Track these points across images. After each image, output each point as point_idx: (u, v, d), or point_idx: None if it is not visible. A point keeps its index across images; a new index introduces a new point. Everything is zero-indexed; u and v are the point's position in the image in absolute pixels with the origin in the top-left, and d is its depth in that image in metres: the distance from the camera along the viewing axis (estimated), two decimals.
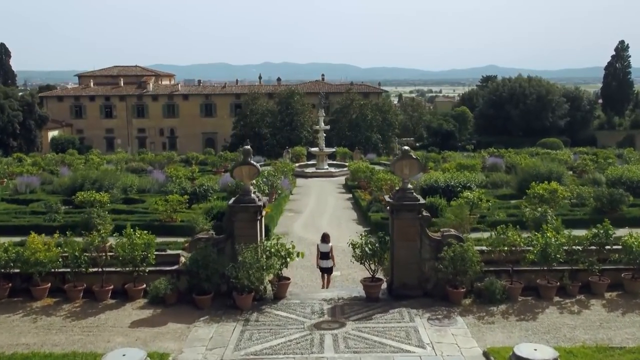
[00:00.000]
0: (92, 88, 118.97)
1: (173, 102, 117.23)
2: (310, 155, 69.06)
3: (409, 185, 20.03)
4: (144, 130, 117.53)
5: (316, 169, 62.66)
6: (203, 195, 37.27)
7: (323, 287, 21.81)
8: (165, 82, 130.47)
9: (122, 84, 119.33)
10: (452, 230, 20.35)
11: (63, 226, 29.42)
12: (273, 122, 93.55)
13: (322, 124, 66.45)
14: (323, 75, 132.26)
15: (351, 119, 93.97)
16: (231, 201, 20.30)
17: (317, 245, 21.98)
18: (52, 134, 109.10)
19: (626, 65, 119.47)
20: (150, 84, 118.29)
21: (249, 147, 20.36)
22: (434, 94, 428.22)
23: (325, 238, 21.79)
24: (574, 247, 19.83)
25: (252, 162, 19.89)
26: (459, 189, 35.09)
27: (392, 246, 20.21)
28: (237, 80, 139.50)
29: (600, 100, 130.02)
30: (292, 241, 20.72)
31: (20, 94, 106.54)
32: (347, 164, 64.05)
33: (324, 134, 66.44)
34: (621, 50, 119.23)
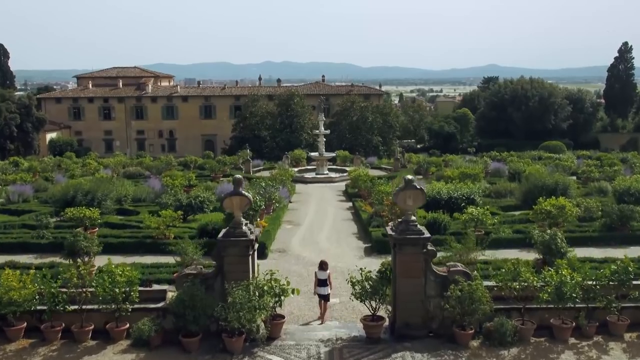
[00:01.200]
0: (90, 89, 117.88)
1: (172, 104, 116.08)
2: (310, 159, 67.98)
3: (413, 217, 18.42)
4: (143, 132, 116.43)
5: (316, 174, 61.65)
6: (199, 207, 36.18)
7: (320, 317, 20.90)
8: (165, 83, 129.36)
9: (120, 86, 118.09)
10: (459, 265, 18.72)
11: (51, 244, 28.42)
12: (273, 124, 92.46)
13: (322, 128, 65.45)
14: (323, 76, 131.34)
15: (352, 122, 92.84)
16: (221, 234, 18.80)
17: (315, 272, 21.29)
18: (51, 135, 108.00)
19: (629, 67, 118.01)
20: (149, 86, 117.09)
21: (239, 176, 18.92)
22: (434, 94, 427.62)
23: (323, 265, 21.06)
24: (589, 282, 18.28)
25: (243, 192, 18.46)
26: (463, 204, 33.97)
27: (394, 282, 18.71)
28: (237, 82, 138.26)
29: (600, 100, 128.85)
30: (286, 277, 19.30)
31: (19, 93, 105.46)
32: (347, 169, 63.08)
33: (324, 139, 65.37)
34: (625, 51, 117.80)
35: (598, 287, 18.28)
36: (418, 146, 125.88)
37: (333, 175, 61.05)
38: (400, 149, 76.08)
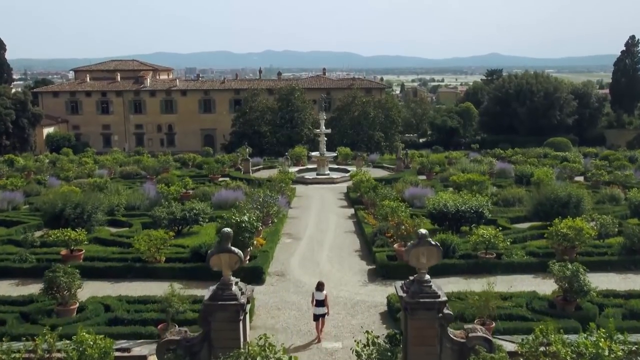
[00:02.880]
0: (88, 83, 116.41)
1: (171, 98, 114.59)
2: (311, 157, 66.49)
3: (427, 276, 16.21)
4: (142, 127, 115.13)
5: (317, 174, 60.36)
6: (194, 220, 34.64)
7: (317, 337, 20.69)
8: (164, 76, 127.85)
9: (119, 79, 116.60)
10: (479, 329, 16.37)
11: (34, 269, 26.70)
12: (273, 119, 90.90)
13: (323, 127, 63.90)
14: (324, 69, 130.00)
15: (353, 117, 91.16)
16: (207, 296, 16.50)
17: (313, 293, 21.22)
18: (48, 130, 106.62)
19: (636, 61, 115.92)
20: (148, 79, 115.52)
21: (228, 230, 16.61)
22: (436, 83, 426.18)
23: (320, 286, 21.08)
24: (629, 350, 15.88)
25: (232, 248, 16.23)
26: (472, 222, 32.43)
27: (405, 350, 16.49)
28: (236, 74, 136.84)
29: (604, 91, 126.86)
30: (282, 344, 17.06)
31: (19, 82, 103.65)
32: (349, 168, 61.77)
33: (325, 138, 63.72)
34: (631, 45, 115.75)
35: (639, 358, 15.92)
36: (420, 140, 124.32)
37: (334, 175, 59.63)
38: (403, 146, 74.58)
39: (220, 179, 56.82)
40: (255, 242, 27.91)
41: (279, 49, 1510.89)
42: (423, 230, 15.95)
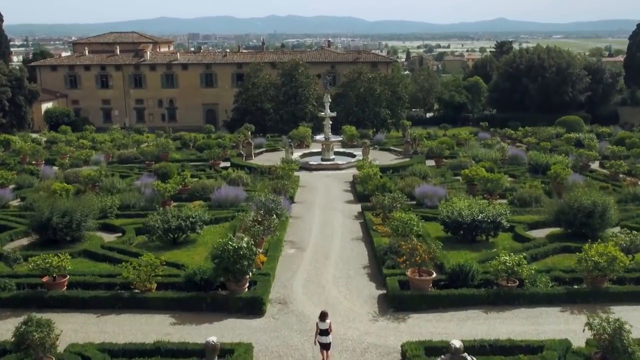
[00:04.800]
0: (87, 57, 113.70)
1: (172, 72, 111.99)
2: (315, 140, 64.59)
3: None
4: (142, 101, 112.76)
5: (322, 159, 58.50)
6: (190, 228, 32.35)
7: None
8: (164, 49, 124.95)
9: (118, 52, 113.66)
10: None
11: (14, 298, 24.37)
12: (276, 95, 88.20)
13: (328, 110, 61.56)
14: (329, 40, 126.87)
15: (359, 93, 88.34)
16: None
17: (317, 322, 20.24)
18: (46, 106, 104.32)
19: None
20: (148, 52, 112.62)
21: (214, 340, 14.09)
22: (442, 49, 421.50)
23: (323, 317, 20.15)
24: None
25: None
26: (489, 232, 30.35)
27: None
28: (239, 47, 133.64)
29: (613, 59, 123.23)
30: None
31: (20, 49, 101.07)
32: (355, 153, 59.67)
33: (330, 122, 61.30)
34: None
35: None
36: (427, 115, 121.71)
37: (340, 161, 57.62)
38: (410, 124, 72.26)
39: (222, 165, 54.73)
40: (254, 267, 25.39)
41: (283, 14, 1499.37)
42: (457, 344, 13.53)
